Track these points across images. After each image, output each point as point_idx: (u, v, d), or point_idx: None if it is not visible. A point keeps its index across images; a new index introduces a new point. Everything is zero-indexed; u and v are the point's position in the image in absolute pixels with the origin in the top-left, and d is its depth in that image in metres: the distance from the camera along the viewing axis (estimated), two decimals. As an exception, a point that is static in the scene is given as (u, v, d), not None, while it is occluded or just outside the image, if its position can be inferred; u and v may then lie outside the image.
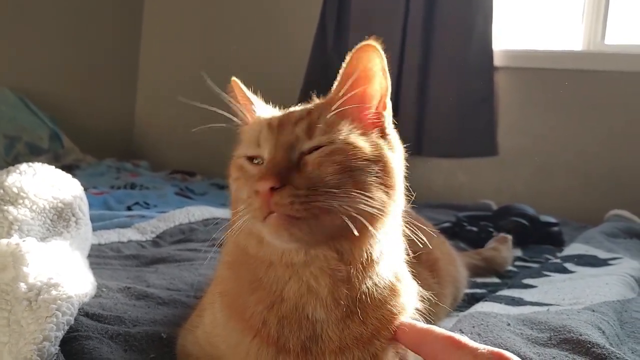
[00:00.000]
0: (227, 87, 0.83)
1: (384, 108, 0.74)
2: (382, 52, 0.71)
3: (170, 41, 3.84)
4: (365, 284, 0.68)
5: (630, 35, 2.81)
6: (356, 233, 0.64)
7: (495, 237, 1.74)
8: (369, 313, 0.69)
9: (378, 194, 0.67)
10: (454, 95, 2.85)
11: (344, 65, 0.72)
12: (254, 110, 0.78)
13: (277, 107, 0.82)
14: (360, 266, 0.67)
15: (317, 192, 0.63)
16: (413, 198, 0.75)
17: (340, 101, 0.70)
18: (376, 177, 0.68)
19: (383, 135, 0.74)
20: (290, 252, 0.67)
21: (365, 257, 0.67)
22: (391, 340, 0.70)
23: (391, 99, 0.75)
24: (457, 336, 0.63)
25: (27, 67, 3.21)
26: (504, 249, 1.64)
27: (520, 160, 2.84)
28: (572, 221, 2.35)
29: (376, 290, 0.69)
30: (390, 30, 2.89)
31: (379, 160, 0.69)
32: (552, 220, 2.06)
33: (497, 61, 2.82)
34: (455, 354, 0.62)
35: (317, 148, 0.68)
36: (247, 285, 0.71)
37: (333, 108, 0.70)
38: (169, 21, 3.85)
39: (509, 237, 1.71)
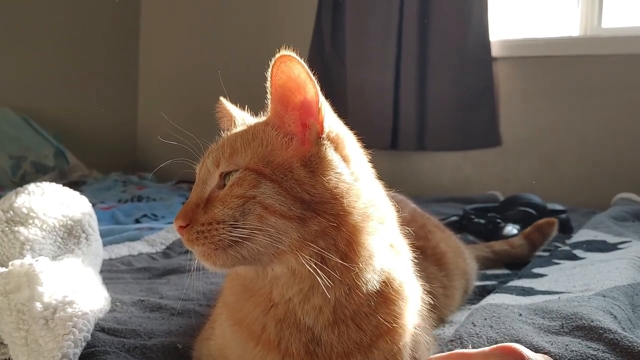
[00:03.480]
0: (216, 107, 0.84)
1: (317, 112, 0.70)
2: (300, 59, 0.68)
3: (168, 50, 3.86)
4: (343, 291, 0.68)
5: (627, 17, 2.80)
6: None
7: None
8: (363, 319, 0.69)
9: (291, 210, 0.65)
10: (454, 88, 2.84)
11: (268, 82, 0.70)
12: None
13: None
14: (326, 277, 0.65)
15: (214, 227, 0.65)
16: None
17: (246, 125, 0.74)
18: (289, 191, 0.65)
19: (326, 137, 0.70)
20: (250, 271, 0.70)
21: (317, 271, 0.65)
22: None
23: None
24: (460, 350, 0.66)
25: (27, 86, 3.23)
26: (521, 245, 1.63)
27: (524, 150, 2.84)
28: (580, 207, 2.35)
29: (356, 298, 0.68)
30: (386, 27, 2.89)
31: (295, 172, 0.67)
32: (560, 207, 2.06)
33: (495, 51, 2.81)
34: None
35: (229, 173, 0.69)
36: (244, 292, 0.73)
37: (238, 130, 0.73)
38: (166, 31, 3.86)
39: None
